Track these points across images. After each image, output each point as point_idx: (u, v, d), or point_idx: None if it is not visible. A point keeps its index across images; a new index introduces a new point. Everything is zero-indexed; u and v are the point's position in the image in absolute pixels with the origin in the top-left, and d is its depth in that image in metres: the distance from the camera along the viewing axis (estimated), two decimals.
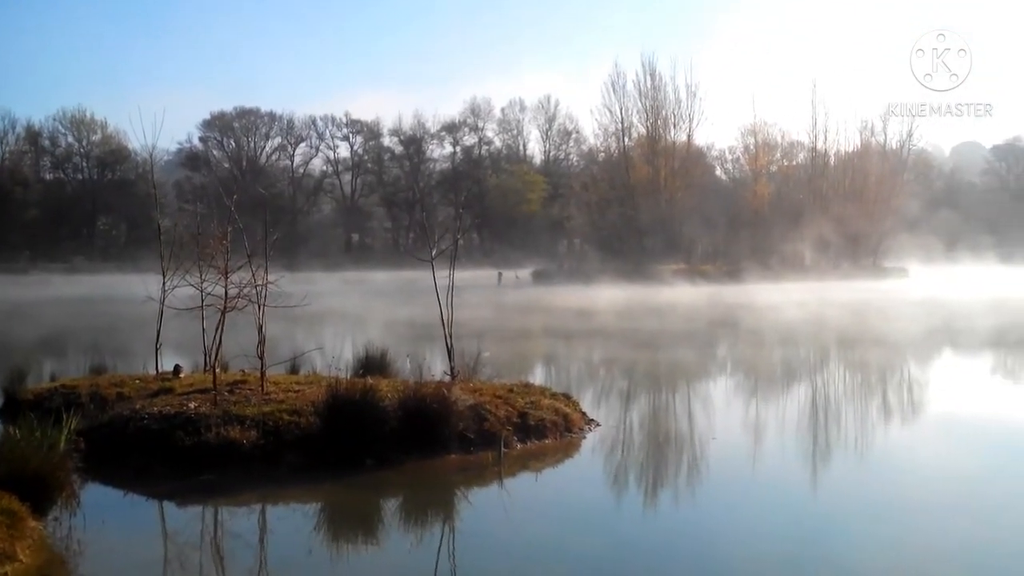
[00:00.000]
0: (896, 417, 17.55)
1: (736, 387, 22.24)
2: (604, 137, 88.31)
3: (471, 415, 12.95)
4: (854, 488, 11.87)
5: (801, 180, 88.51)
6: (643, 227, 74.27)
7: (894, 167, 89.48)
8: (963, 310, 42.62)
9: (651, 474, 13.09)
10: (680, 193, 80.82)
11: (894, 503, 10.89)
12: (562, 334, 34.12)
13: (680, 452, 14.52)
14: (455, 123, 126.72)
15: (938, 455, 13.78)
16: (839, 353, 28.35)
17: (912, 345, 29.78)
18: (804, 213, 79.99)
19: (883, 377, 23.05)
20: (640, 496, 11.91)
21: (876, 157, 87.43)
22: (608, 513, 10.80)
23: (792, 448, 14.47)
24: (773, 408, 18.70)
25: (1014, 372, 24.59)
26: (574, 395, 16.08)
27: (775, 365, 25.50)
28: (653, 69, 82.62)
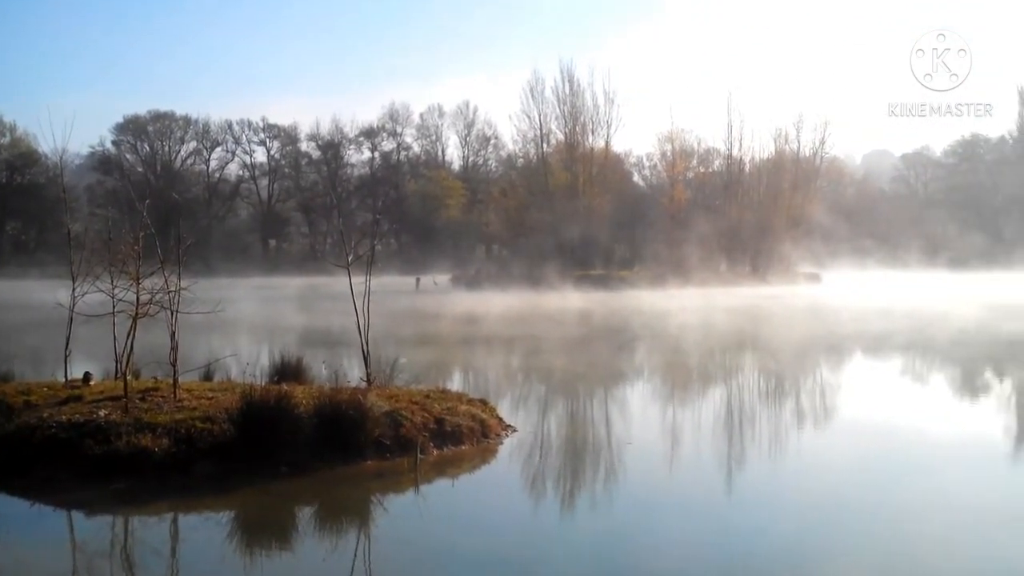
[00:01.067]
0: (790, 419, 17.85)
1: (644, 392, 22.37)
2: (523, 143, 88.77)
3: (387, 421, 12.90)
4: (768, 490, 12.06)
5: (717, 187, 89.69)
6: (561, 233, 74.55)
7: (807, 174, 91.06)
8: (861, 314, 44.08)
9: (568, 479, 13.11)
10: (598, 199, 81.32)
11: (804, 503, 11.10)
12: (477, 340, 34.11)
13: (597, 457, 14.57)
14: (373, 128, 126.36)
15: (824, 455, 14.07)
16: (728, 359, 28.70)
17: (787, 349, 30.35)
18: (720, 219, 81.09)
19: (779, 382, 23.46)
20: (557, 502, 11.94)
21: (790, 164, 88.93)
22: (525, 519, 10.82)
23: (706, 450, 14.66)
24: (684, 412, 18.88)
25: (885, 376, 25.07)
26: (491, 401, 16.09)
27: (671, 370, 25.71)
28: (571, 76, 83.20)
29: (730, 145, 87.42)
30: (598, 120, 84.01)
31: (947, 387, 23.05)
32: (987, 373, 24.61)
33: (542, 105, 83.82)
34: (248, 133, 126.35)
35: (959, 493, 11.50)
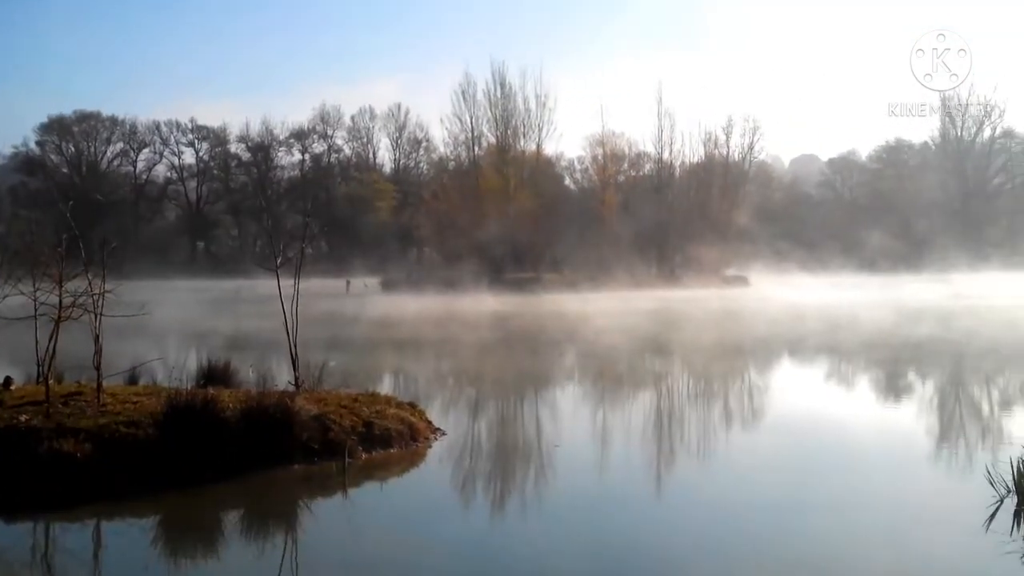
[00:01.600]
0: (709, 419, 18.06)
1: (569, 395, 22.40)
2: (454, 146, 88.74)
3: (315, 425, 12.83)
4: (695, 489, 12.20)
5: (648, 190, 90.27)
6: (492, 236, 74.58)
7: (736, 178, 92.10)
8: (778, 317, 44.91)
9: (498, 482, 13.14)
10: (529, 203, 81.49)
11: (727, 502, 11.24)
12: (405, 344, 34.01)
13: (525, 460, 14.61)
14: (304, 130, 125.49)
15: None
16: (645, 362, 28.87)
17: (702, 351, 30.74)
18: (649, 223, 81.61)
19: (695, 384, 23.72)
20: (487, 504, 11.96)
21: (719, 168, 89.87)
22: (455, 522, 10.81)
23: (630, 451, 14.79)
24: (607, 414, 18.98)
25: (795, 378, 25.48)
26: (420, 404, 16.06)
27: (592, 374, 25.85)
28: (503, 79, 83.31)
29: (660, 149, 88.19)
30: (530, 123, 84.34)
31: (850, 388, 23.50)
32: (894, 375, 25.01)
33: (474, 108, 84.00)
34: (176, 134, 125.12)
35: (871, 491, 11.70)
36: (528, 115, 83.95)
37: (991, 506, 10.34)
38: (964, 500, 11.02)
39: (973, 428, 16.98)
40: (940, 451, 14.94)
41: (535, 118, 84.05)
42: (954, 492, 11.91)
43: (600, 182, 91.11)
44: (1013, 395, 21.53)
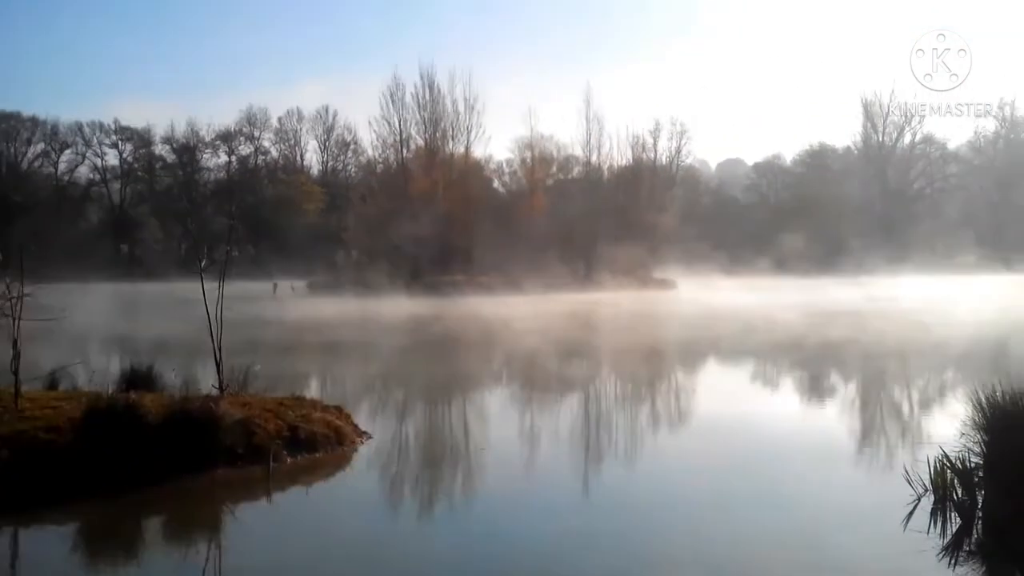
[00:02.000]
0: (628, 420, 18.23)
1: (495, 398, 22.38)
2: (383, 148, 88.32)
3: (240, 429, 12.69)
4: (619, 490, 12.28)
5: (576, 193, 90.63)
6: (421, 239, 74.38)
7: (664, 182, 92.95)
8: (697, 319, 45.63)
9: (425, 485, 13.09)
10: (458, 205, 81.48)
11: (649, 503, 11.33)
12: (330, 347, 33.82)
13: (451, 463, 14.60)
14: (230, 132, 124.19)
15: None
16: (565, 364, 28.96)
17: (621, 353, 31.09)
18: (579, 226, 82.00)
19: (619, 385, 23.92)
20: (415, 508, 11.92)
21: (647, 172, 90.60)
22: (382, 526, 10.77)
23: (555, 453, 14.85)
24: (530, 416, 19.02)
25: (711, 379, 25.84)
26: (347, 408, 15.96)
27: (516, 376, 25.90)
28: (432, 81, 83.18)
29: (589, 152, 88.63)
30: (458, 126, 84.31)
31: (767, 389, 23.85)
32: (809, 377, 25.35)
33: (402, 110, 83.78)
34: (99, 135, 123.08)
35: (791, 492, 11.87)
36: (457, 118, 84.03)
37: (909, 505, 10.54)
38: (883, 499, 11.17)
39: (892, 428, 17.31)
40: (860, 451, 15.19)
41: (464, 121, 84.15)
42: (874, 491, 12.09)
43: (529, 185, 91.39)
44: (930, 395, 21.91)
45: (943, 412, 18.39)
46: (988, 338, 33.05)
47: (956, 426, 11.26)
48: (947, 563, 9.02)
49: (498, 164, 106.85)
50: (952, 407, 19.12)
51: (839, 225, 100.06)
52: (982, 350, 29.60)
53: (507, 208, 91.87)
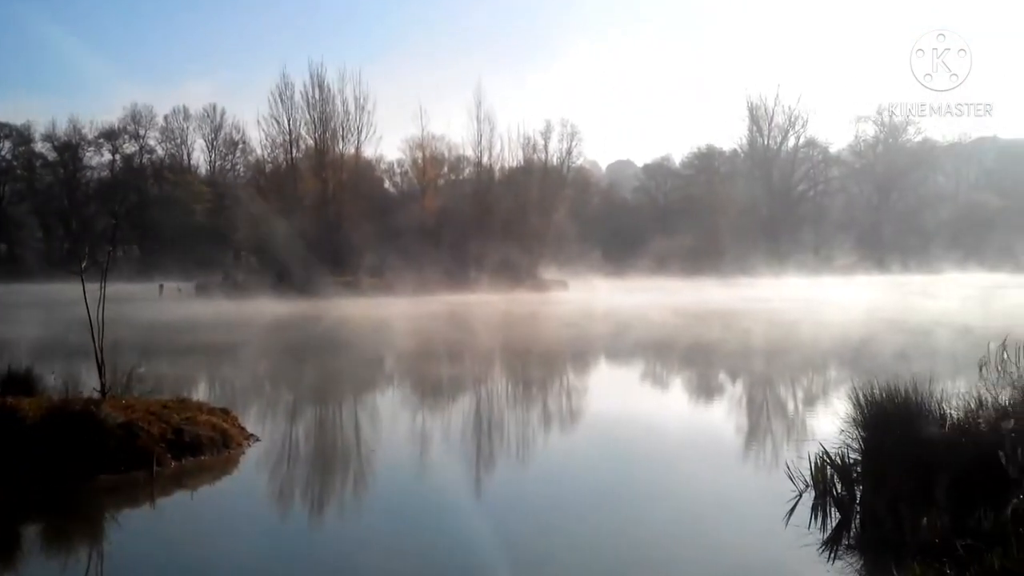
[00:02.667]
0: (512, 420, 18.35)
1: (383, 400, 22.30)
2: (272, 148, 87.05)
3: (122, 433, 12.43)
4: (509, 490, 12.35)
5: (468, 195, 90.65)
6: (310, 240, 73.61)
7: (555, 183, 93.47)
8: (578, 318, 46.22)
9: (314, 488, 12.99)
10: (348, 206, 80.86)
11: (537, 502, 11.41)
12: (218, 349, 33.28)
13: (340, 465, 14.52)
14: (114, 130, 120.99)
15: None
16: (442, 366, 29.09)
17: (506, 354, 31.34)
18: (470, 227, 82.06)
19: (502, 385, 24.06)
20: (304, 511, 11.83)
21: (538, 173, 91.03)
22: (270, 530, 10.65)
23: (444, 454, 14.85)
24: (417, 418, 19.03)
25: (583, 378, 26.20)
26: (234, 410, 15.75)
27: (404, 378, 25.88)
28: (322, 80, 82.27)
29: (480, 153, 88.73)
30: (348, 126, 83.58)
31: (648, 388, 24.28)
32: (696, 376, 25.83)
33: (291, 110, 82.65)
34: None
35: (677, 489, 12.10)
36: (347, 117, 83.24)
37: (791, 501, 10.79)
38: (767, 495, 11.42)
39: (778, 425, 17.67)
40: (747, 448, 15.49)
41: (354, 120, 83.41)
42: (758, 488, 12.36)
43: (420, 185, 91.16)
44: (814, 393, 22.41)
45: (811, 410, 18.98)
46: (839, 337, 34.11)
47: (837, 423, 11.56)
48: (826, 557, 9.27)
49: (389, 164, 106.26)
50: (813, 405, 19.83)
51: (725, 226, 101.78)
52: (840, 349, 30.56)
53: (398, 208, 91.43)
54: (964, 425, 10.51)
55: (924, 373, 11.23)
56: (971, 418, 10.60)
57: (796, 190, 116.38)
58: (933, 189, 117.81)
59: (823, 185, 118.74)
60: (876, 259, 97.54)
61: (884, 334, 34.36)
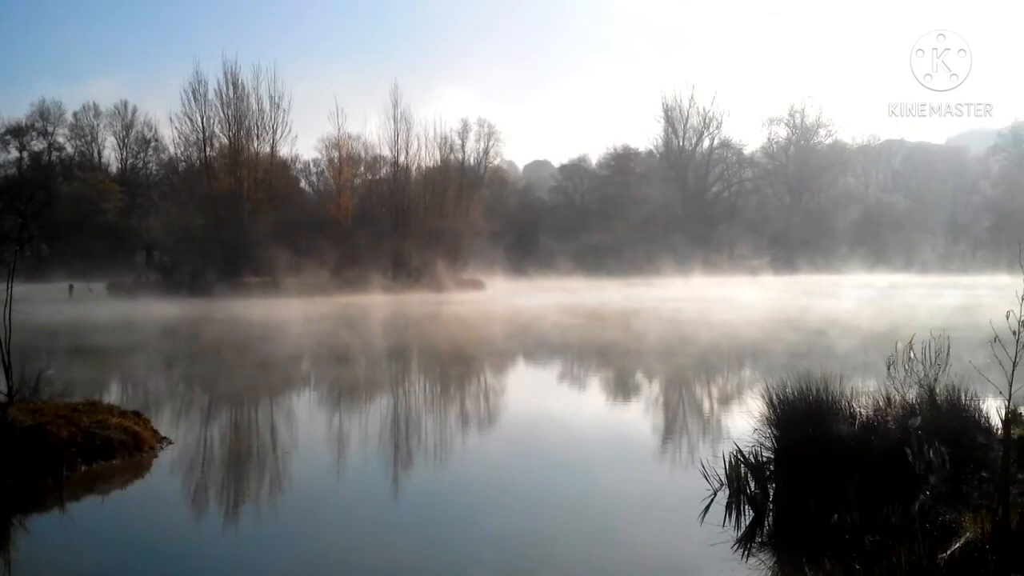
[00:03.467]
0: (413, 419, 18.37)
1: (294, 401, 22.14)
2: (185, 146, 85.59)
3: (30, 437, 12.17)
4: (422, 489, 12.33)
5: (384, 194, 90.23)
6: (225, 239, 72.67)
7: (472, 182, 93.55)
8: (479, 318, 46.46)
9: (229, 490, 12.85)
10: (263, 205, 79.99)
11: (452, 504, 11.41)
12: (131, 350, 32.72)
13: (254, 467, 14.38)
14: (21, 127, 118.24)
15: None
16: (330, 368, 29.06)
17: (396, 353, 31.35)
18: (387, 227, 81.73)
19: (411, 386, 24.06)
20: (219, 514, 11.67)
21: (455, 172, 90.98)
22: (183, 534, 10.49)
23: (360, 454, 14.82)
24: (329, 418, 18.93)
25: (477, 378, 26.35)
26: (147, 413, 15.50)
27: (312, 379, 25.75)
28: (236, 78, 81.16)
29: (396, 152, 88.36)
30: (263, 124, 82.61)
31: (548, 387, 24.30)
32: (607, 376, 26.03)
33: (205, 108, 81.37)
34: None
35: (590, 490, 12.18)
36: (262, 116, 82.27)
37: (705, 499, 10.92)
38: (682, 494, 11.55)
39: (694, 424, 17.90)
40: (663, 448, 15.65)
41: (269, 119, 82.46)
42: (674, 487, 12.50)
43: (336, 185, 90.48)
44: (724, 392, 22.70)
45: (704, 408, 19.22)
46: (719, 337, 34.68)
47: (751, 422, 11.72)
48: (740, 555, 9.40)
49: (305, 164, 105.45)
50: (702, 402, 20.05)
51: (641, 226, 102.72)
52: (715, 348, 31.05)
53: (314, 208, 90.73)
54: (873, 423, 10.74)
55: (833, 372, 11.48)
56: (880, 416, 10.83)
57: (710, 191, 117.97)
58: (843, 190, 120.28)
59: (737, 186, 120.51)
60: (787, 259, 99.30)
61: (767, 333, 35.16)
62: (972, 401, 11.01)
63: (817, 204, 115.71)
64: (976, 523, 7.89)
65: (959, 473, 9.34)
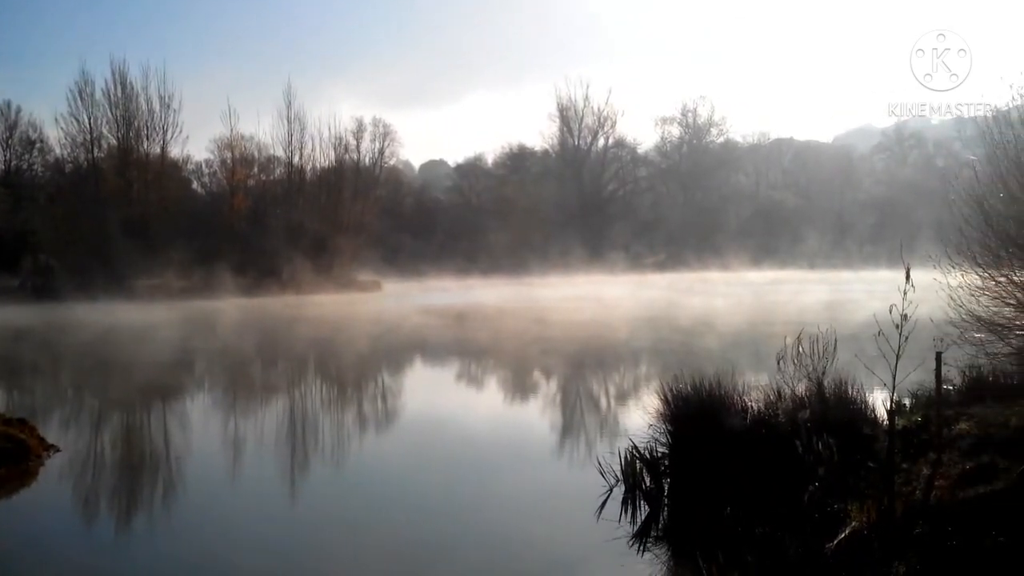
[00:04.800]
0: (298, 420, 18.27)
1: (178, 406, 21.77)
2: (72, 147, 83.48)
3: None
4: (319, 493, 12.26)
5: (279, 195, 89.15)
6: (115, 242, 71.04)
7: (368, 183, 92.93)
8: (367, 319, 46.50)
9: (118, 499, 12.59)
10: (154, 207, 78.44)
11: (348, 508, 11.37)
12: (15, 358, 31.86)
13: (144, 473, 14.13)
14: None
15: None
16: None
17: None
18: (282, 228, 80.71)
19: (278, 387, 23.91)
20: (109, 522, 11.44)
21: (350, 173, 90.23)
22: (72, 544, 10.25)
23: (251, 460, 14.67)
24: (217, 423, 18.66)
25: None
26: (32, 420, 15.10)
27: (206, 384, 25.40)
28: (124, 77, 79.30)
29: (290, 153, 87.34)
30: (153, 125, 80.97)
31: (449, 386, 24.45)
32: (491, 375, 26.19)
33: (92, 108, 79.45)
34: None
35: (485, 490, 12.25)
36: (152, 116, 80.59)
37: (602, 496, 11.02)
38: (579, 491, 11.62)
39: (592, 422, 18.03)
40: (562, 446, 15.75)
41: (159, 119, 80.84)
42: (570, 484, 12.57)
43: (229, 187, 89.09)
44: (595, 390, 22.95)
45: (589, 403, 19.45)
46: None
47: (647, 418, 11.86)
48: (636, 549, 9.51)
49: (197, 165, 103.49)
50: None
51: (538, 226, 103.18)
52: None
53: (207, 210, 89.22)
54: (764, 417, 10.97)
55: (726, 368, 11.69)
56: (771, 410, 11.06)
57: (606, 189, 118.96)
58: (735, 188, 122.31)
59: (632, 185, 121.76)
60: (681, 256, 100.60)
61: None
62: (859, 393, 11.31)
63: (710, 202, 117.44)
64: (863, 512, 8.10)
65: (846, 464, 9.56)
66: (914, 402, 12.28)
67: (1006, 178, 13.93)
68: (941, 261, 13.43)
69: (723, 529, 8.91)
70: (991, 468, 8.45)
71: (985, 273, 13.77)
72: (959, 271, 13.59)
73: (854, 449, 9.95)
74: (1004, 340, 13.99)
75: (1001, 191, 14.03)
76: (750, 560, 7.65)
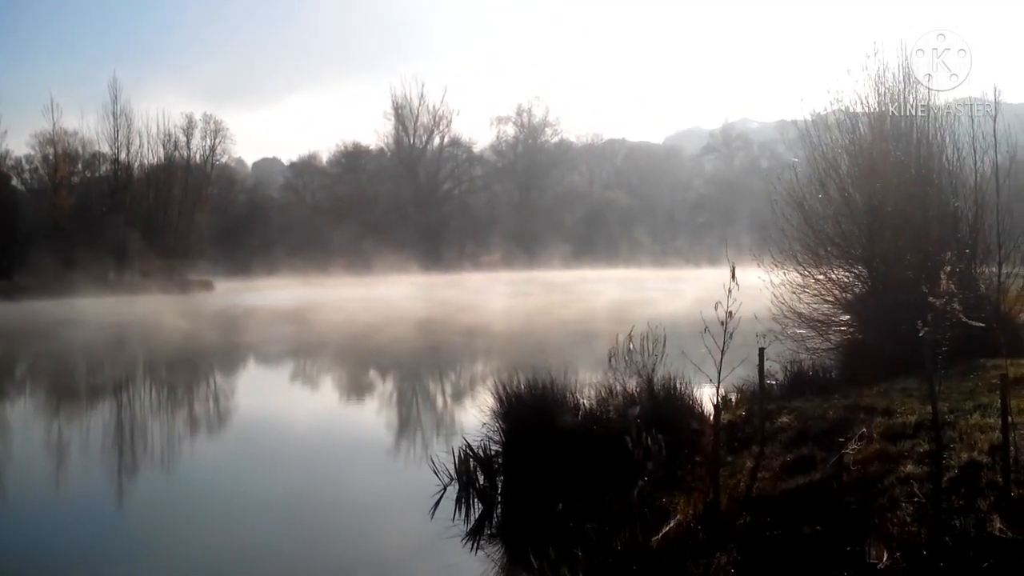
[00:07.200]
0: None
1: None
2: None
3: None
4: (152, 497, 11.97)
5: (105, 192, 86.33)
6: None
7: (199, 181, 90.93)
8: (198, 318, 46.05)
9: None
10: None
11: (189, 507, 11.12)
12: None
13: None
14: None
15: None
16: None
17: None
18: (108, 226, 78.11)
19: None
20: None
21: (180, 171, 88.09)
22: None
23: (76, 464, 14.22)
24: (50, 426, 18.10)
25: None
26: None
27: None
28: None
29: (117, 150, 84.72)
30: None
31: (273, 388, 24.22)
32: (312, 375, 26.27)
33: None
34: None
35: (317, 491, 12.16)
36: None
37: (436, 495, 11.05)
38: (413, 491, 11.62)
39: (428, 421, 18.10)
40: (396, 445, 15.75)
41: None
42: (403, 484, 12.57)
43: (52, 184, 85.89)
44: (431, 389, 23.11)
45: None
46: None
47: (481, 416, 11.94)
48: (469, 548, 9.58)
49: (17, 160, 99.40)
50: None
51: (373, 225, 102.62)
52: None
53: (28, 207, 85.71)
54: (596, 413, 11.17)
55: (563, 365, 11.86)
56: (603, 406, 11.27)
57: (442, 188, 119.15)
58: (570, 188, 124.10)
59: (468, 184, 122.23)
60: (516, 256, 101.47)
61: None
62: (687, 389, 11.62)
63: (545, 201, 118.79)
64: (689, 505, 8.32)
65: (675, 458, 9.81)
66: (739, 397, 12.70)
67: (824, 180, 14.55)
68: (764, 259, 13.94)
69: (555, 525, 9.04)
70: (810, 459, 8.79)
71: (805, 271, 14.36)
72: (781, 269, 14.14)
73: (682, 444, 10.23)
74: (823, 336, 14.64)
75: (820, 192, 14.65)
76: (579, 555, 7.78)
